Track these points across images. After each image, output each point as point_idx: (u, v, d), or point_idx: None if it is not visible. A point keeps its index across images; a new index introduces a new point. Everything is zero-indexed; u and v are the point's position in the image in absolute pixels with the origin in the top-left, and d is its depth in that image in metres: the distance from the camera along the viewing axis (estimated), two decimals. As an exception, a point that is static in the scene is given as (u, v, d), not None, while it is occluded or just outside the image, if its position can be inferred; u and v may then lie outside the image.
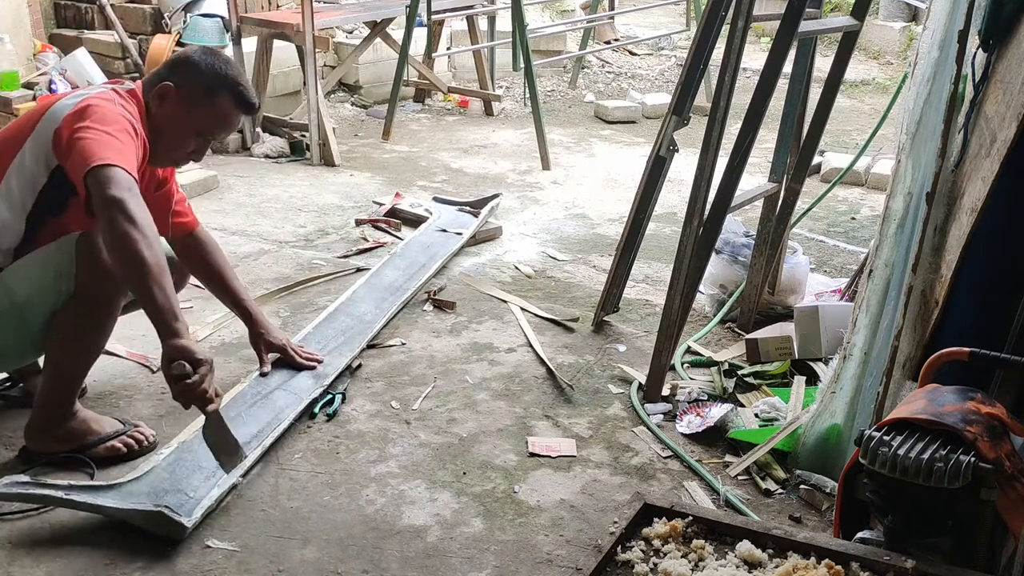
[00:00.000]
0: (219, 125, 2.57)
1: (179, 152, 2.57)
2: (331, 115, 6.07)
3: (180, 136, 2.53)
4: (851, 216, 4.89)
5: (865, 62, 8.62)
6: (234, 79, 2.54)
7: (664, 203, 4.05)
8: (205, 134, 2.56)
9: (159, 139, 2.50)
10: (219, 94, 2.51)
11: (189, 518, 2.25)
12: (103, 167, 2.18)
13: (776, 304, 3.57)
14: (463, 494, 2.51)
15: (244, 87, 2.56)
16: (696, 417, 2.87)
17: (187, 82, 2.49)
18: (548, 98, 7.18)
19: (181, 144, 2.55)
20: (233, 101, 2.54)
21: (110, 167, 2.18)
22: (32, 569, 2.15)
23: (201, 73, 2.50)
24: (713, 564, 1.93)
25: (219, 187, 4.85)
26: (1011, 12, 2.17)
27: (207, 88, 2.50)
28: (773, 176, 3.42)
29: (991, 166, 2.07)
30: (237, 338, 3.27)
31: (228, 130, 2.64)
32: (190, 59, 2.54)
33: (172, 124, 2.50)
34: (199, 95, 2.50)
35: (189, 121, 2.51)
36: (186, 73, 2.50)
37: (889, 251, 2.50)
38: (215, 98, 2.51)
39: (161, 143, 2.50)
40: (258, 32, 5.45)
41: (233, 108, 2.55)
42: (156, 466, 2.40)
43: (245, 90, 2.56)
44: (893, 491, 1.85)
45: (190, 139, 2.54)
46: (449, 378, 3.10)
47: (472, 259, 4.10)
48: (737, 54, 2.79)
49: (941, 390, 1.98)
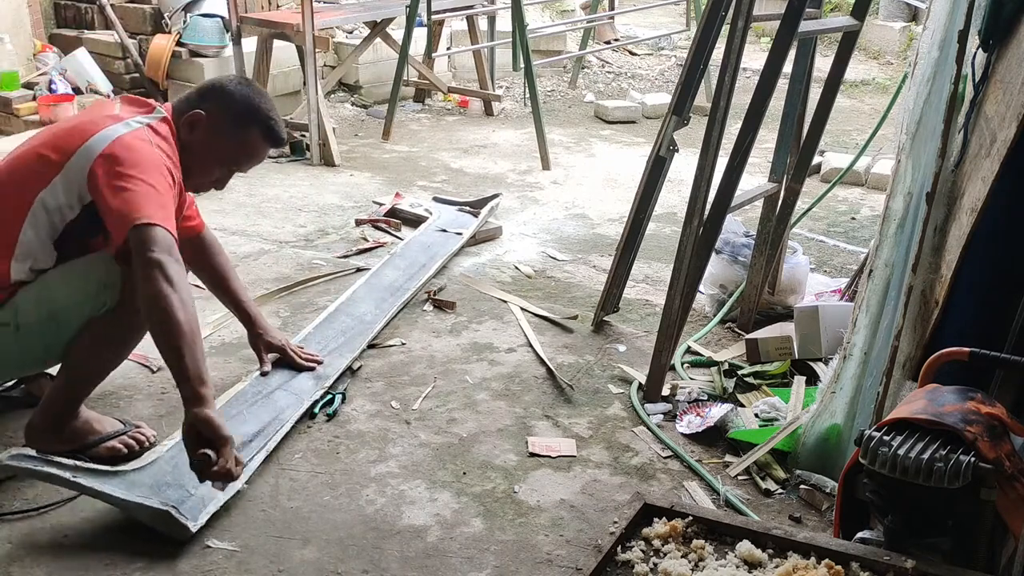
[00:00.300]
0: (246, 157, 2.56)
1: (203, 179, 2.58)
2: (331, 115, 6.07)
3: (206, 165, 2.53)
4: (851, 216, 4.89)
5: (865, 62, 8.62)
6: (266, 113, 2.52)
7: (664, 203, 4.05)
8: (231, 165, 2.56)
9: (184, 165, 2.48)
10: (250, 127, 2.50)
11: (195, 522, 2.25)
12: (146, 227, 2.18)
13: (776, 304, 3.57)
14: (463, 494, 2.51)
15: (275, 121, 2.54)
16: (696, 417, 2.87)
17: (219, 112, 2.48)
18: (548, 98, 7.18)
19: (206, 172, 2.55)
20: (263, 135, 2.53)
21: (153, 227, 2.19)
22: (32, 569, 2.15)
23: (234, 103, 2.49)
24: (713, 564, 1.93)
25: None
26: (1011, 12, 2.17)
27: (238, 120, 2.49)
28: (773, 176, 3.42)
29: (991, 166, 2.07)
30: (237, 338, 3.27)
31: (255, 163, 2.61)
32: (224, 88, 2.52)
33: (200, 153, 2.50)
34: (229, 126, 2.49)
35: (217, 151, 2.51)
36: (218, 102, 2.49)
37: (889, 251, 2.50)
38: (245, 131, 2.50)
39: (186, 169, 2.49)
40: (258, 32, 5.45)
41: (262, 142, 2.54)
42: (160, 457, 2.40)
43: (276, 125, 2.55)
44: (893, 491, 1.85)
45: (216, 169, 2.55)
46: (449, 378, 3.10)
47: (472, 259, 4.10)
48: (737, 54, 2.79)
49: (941, 390, 1.98)
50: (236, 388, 2.80)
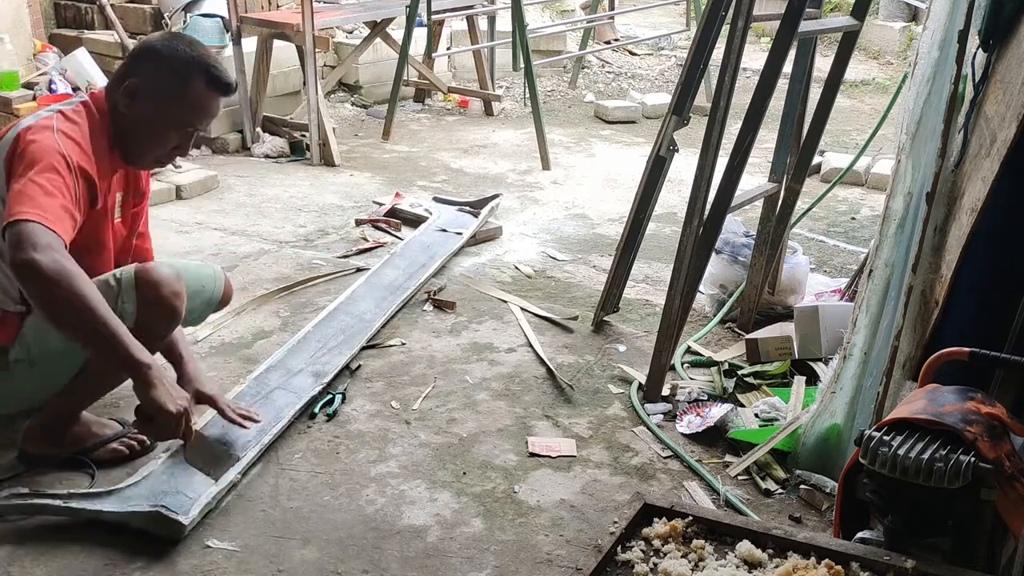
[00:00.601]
0: (197, 114, 2.37)
1: (161, 150, 2.40)
2: (331, 115, 6.07)
3: (158, 133, 2.36)
4: (851, 216, 4.89)
5: (865, 62, 8.62)
6: (203, 61, 2.34)
7: (664, 203, 4.05)
8: (185, 127, 2.37)
9: (136, 139, 2.36)
10: (189, 81, 2.32)
11: (187, 516, 2.25)
12: (13, 224, 2.01)
13: (776, 304, 3.57)
14: (463, 494, 2.51)
15: (215, 67, 2.36)
16: (696, 417, 2.87)
17: (153, 74, 2.32)
18: (548, 98, 7.18)
19: (161, 141, 2.38)
20: (206, 84, 2.34)
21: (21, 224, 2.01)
22: (32, 569, 2.15)
23: (166, 61, 2.32)
24: (713, 564, 1.93)
25: (219, 187, 4.85)
26: (1011, 12, 2.17)
27: (175, 76, 2.32)
28: (773, 176, 3.42)
29: (991, 166, 2.07)
30: (237, 338, 3.27)
31: (207, 117, 2.41)
32: (152, 47, 2.36)
33: (146, 122, 2.34)
34: (169, 86, 2.31)
35: (163, 115, 2.33)
36: (150, 64, 2.33)
37: (889, 251, 2.50)
38: (186, 85, 2.32)
39: (139, 143, 2.37)
40: (258, 32, 5.45)
41: (207, 92, 2.36)
42: (154, 471, 2.40)
43: (217, 70, 2.36)
44: (893, 491, 1.85)
45: (170, 134, 2.37)
46: (449, 378, 3.10)
47: (472, 259, 4.10)
48: (737, 54, 2.79)
49: (941, 390, 1.97)
50: (236, 390, 2.80)
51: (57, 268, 2.00)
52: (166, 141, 2.38)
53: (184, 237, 4.17)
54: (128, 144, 2.37)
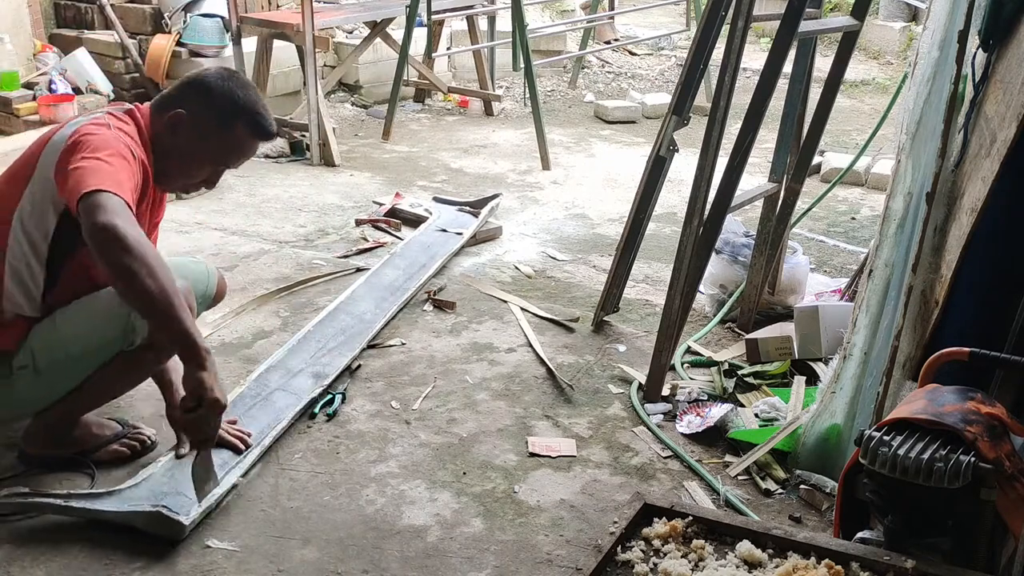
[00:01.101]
0: (234, 155, 2.44)
1: (190, 180, 2.46)
2: (331, 115, 6.07)
3: (192, 165, 2.41)
4: (851, 216, 4.89)
5: (865, 62, 8.62)
6: (251, 106, 2.38)
7: (664, 203, 4.05)
8: (219, 164, 2.44)
9: (169, 165, 2.39)
10: (235, 124, 2.37)
11: (187, 516, 2.25)
12: (91, 194, 2.05)
13: (776, 304, 3.57)
14: (463, 494, 2.51)
15: (261, 115, 2.40)
16: (696, 417, 2.87)
17: (200, 110, 2.36)
18: (548, 98, 7.18)
19: (193, 173, 2.44)
20: (250, 131, 2.39)
21: (99, 194, 2.05)
22: (32, 569, 2.15)
23: (216, 100, 2.36)
24: (713, 564, 1.93)
25: (219, 187, 4.84)
26: (1011, 12, 2.17)
27: (222, 117, 2.36)
28: (773, 176, 3.42)
29: (991, 166, 2.07)
30: (237, 338, 3.28)
31: (244, 159, 2.48)
32: (204, 83, 2.39)
33: (184, 153, 2.38)
34: (213, 125, 2.36)
35: (202, 151, 2.39)
36: (199, 100, 2.36)
37: (889, 251, 2.50)
38: (230, 128, 2.37)
39: (172, 169, 2.40)
40: (258, 32, 5.45)
41: (249, 138, 2.41)
42: (154, 473, 2.40)
43: (262, 118, 2.40)
44: (893, 491, 1.85)
45: (204, 168, 2.43)
46: (449, 378, 3.10)
47: (472, 259, 4.10)
48: (737, 54, 2.79)
49: (941, 390, 1.97)
50: (235, 392, 2.80)
51: (137, 236, 2.04)
52: (198, 174, 2.45)
53: (184, 237, 4.17)
54: (161, 166, 2.39)
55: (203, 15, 5.77)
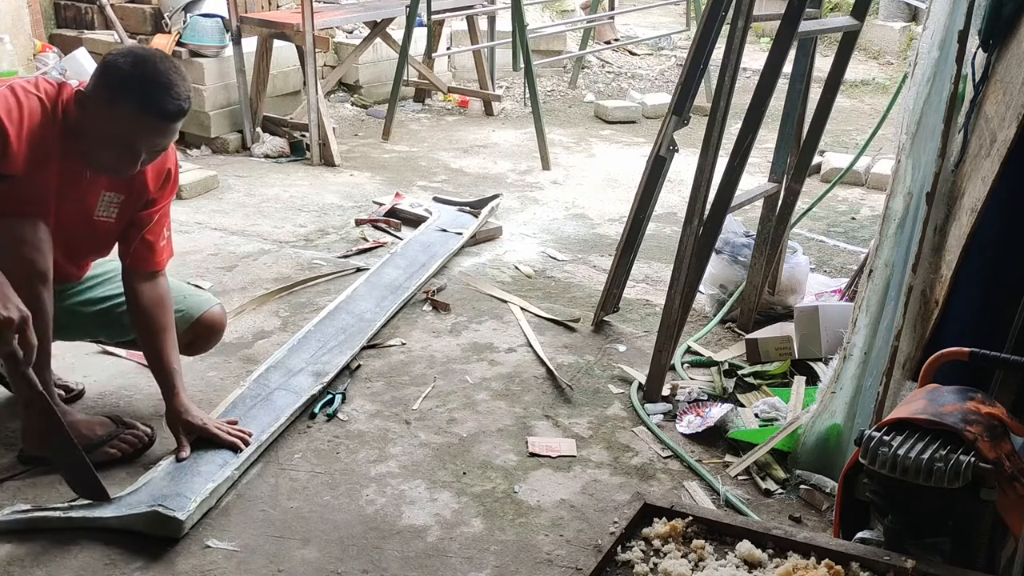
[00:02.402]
0: (129, 135, 2.24)
1: (103, 162, 2.31)
2: (331, 115, 6.06)
3: (96, 144, 2.27)
4: (851, 216, 4.89)
5: (865, 62, 8.62)
6: (141, 81, 2.20)
7: (664, 203, 4.05)
8: (119, 146, 2.26)
9: (82, 143, 2.28)
10: (122, 100, 2.21)
11: (184, 512, 2.25)
12: None
13: (776, 304, 3.57)
14: (463, 494, 2.51)
15: (153, 90, 2.20)
16: (696, 417, 2.87)
17: (95, 86, 2.24)
18: (548, 98, 7.18)
19: (100, 153, 2.29)
20: (137, 107, 2.20)
21: None
22: (32, 569, 2.15)
23: (106, 76, 2.23)
24: (713, 564, 1.93)
25: (219, 187, 4.85)
26: (1011, 12, 2.17)
27: (110, 92, 2.22)
28: (773, 176, 3.42)
29: (991, 166, 2.07)
30: (237, 338, 3.27)
31: (144, 140, 2.26)
32: (108, 61, 2.25)
33: (87, 132, 2.26)
34: (103, 101, 2.22)
35: (99, 130, 2.25)
36: (99, 77, 2.24)
37: (889, 251, 2.50)
38: (117, 103, 2.21)
39: (85, 147, 2.29)
40: (258, 32, 5.45)
41: (140, 115, 2.21)
42: (154, 477, 2.40)
43: (155, 94, 2.20)
44: (893, 491, 1.85)
45: (108, 149, 2.27)
46: (449, 378, 3.10)
47: (472, 259, 4.10)
48: (737, 54, 2.79)
49: (941, 390, 1.97)
50: (235, 393, 2.79)
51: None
52: (104, 154, 2.29)
53: (184, 237, 4.16)
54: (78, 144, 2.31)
55: (203, 15, 5.75)
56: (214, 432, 2.53)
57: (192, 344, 2.71)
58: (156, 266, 2.57)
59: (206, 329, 2.72)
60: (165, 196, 2.57)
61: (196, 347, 2.75)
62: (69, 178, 2.33)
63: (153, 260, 2.56)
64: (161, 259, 2.58)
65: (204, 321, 2.69)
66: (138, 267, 2.55)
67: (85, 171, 2.36)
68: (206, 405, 2.72)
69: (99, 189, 2.43)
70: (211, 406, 2.73)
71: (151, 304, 2.53)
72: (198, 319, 2.67)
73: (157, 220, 2.56)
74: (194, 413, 2.55)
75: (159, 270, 2.58)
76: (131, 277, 2.55)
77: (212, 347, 2.83)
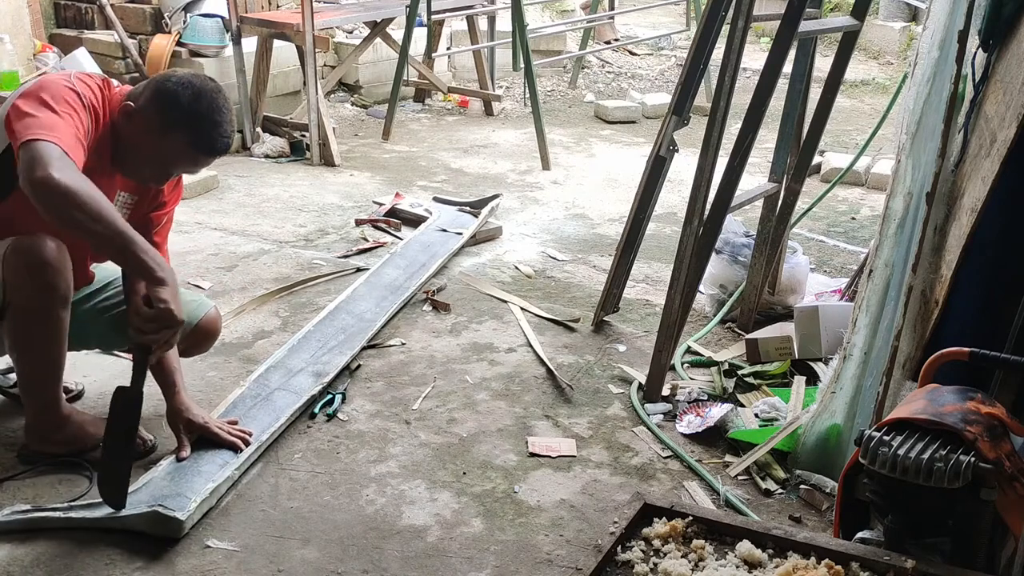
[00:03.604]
0: (171, 162, 2.36)
1: (137, 172, 2.40)
2: (331, 115, 6.07)
3: (135, 160, 2.36)
4: (851, 216, 4.89)
5: (865, 62, 8.62)
6: (196, 116, 2.29)
7: (664, 203, 4.05)
8: (158, 167, 2.37)
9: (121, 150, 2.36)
10: (174, 131, 2.29)
11: (184, 512, 2.25)
12: (29, 144, 2.04)
13: (776, 304, 3.57)
14: (463, 494, 2.51)
15: (206, 127, 2.30)
16: (696, 417, 2.87)
17: (148, 107, 2.31)
18: (548, 98, 7.18)
19: (136, 168, 2.38)
20: (187, 140, 2.31)
21: (35, 143, 2.04)
22: (32, 569, 2.15)
23: (162, 102, 2.30)
24: (713, 564, 1.93)
25: (219, 187, 4.85)
26: (1011, 12, 2.17)
27: (164, 121, 2.29)
28: (773, 176, 3.42)
29: (991, 166, 2.07)
30: (237, 338, 3.27)
31: (185, 169, 2.41)
32: (162, 83, 2.33)
33: (131, 146, 2.34)
34: (155, 126, 2.30)
35: (142, 149, 2.33)
36: (153, 98, 2.31)
37: (889, 251, 2.50)
38: (169, 134, 2.30)
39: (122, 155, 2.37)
40: (258, 32, 5.45)
41: (187, 149, 2.32)
42: (154, 477, 2.40)
43: (206, 131, 2.30)
44: (893, 491, 1.85)
45: (147, 167, 2.37)
46: (449, 378, 3.10)
47: (472, 259, 4.10)
48: (737, 54, 2.79)
49: (941, 390, 1.97)
50: (235, 393, 2.80)
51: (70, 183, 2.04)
52: (143, 169, 2.38)
53: (184, 237, 4.16)
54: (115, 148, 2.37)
55: (203, 15, 5.76)
56: (215, 431, 2.54)
57: (188, 349, 2.70)
58: None
59: (204, 334, 2.71)
60: (175, 199, 2.64)
61: (192, 351, 2.74)
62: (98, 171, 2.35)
63: None
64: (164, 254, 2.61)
65: (202, 327, 2.68)
66: None
67: (110, 169, 2.39)
68: (206, 405, 2.72)
69: (116, 187, 2.46)
70: (211, 406, 2.73)
71: None
72: (196, 326, 2.65)
73: (165, 223, 2.62)
74: (195, 412, 2.56)
75: None
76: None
77: (208, 349, 2.82)
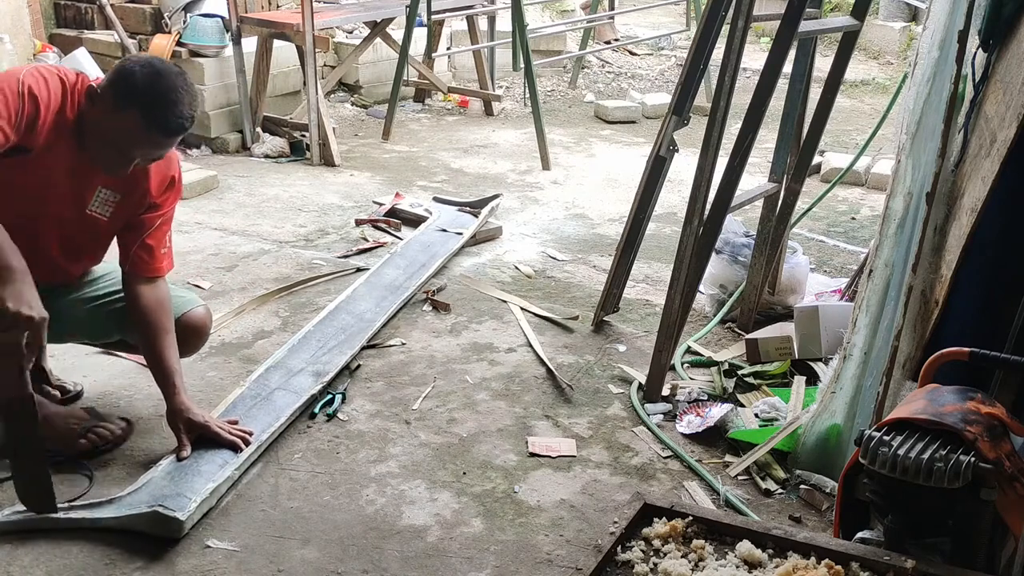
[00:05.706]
0: (127, 142, 2.28)
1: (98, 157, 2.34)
2: (331, 115, 6.06)
3: (94, 141, 2.31)
4: (851, 216, 4.89)
5: (865, 62, 8.62)
6: (152, 95, 2.23)
7: (664, 203, 4.05)
8: (117, 149, 2.30)
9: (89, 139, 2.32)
10: (128, 109, 2.24)
11: (184, 512, 2.25)
12: None
13: (776, 304, 3.57)
14: (463, 494, 2.51)
15: (161, 106, 2.24)
16: (696, 417, 2.87)
17: (106, 89, 2.27)
18: (548, 98, 7.18)
19: (98, 149, 2.32)
20: (142, 120, 2.24)
21: None
22: (32, 569, 2.15)
23: (119, 82, 2.26)
24: (713, 564, 1.93)
25: (219, 187, 4.85)
26: (1011, 12, 2.17)
27: (117, 100, 2.25)
28: (773, 176, 3.42)
29: (991, 166, 2.07)
30: (237, 338, 3.27)
31: (141, 150, 2.31)
32: (125, 67, 2.28)
33: (92, 128, 2.30)
34: (110, 106, 2.26)
35: (100, 130, 2.29)
36: (112, 79, 2.27)
37: (889, 251, 2.50)
38: (123, 112, 2.24)
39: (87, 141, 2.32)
40: (258, 32, 5.45)
41: (141, 128, 2.25)
42: (154, 477, 2.40)
43: (161, 110, 2.24)
44: (893, 491, 1.85)
45: (105, 148, 2.31)
46: (449, 378, 3.10)
47: (472, 259, 4.10)
48: (737, 54, 2.79)
49: (941, 390, 1.97)
50: (235, 393, 2.79)
51: None
52: (103, 155, 2.33)
53: (184, 237, 4.16)
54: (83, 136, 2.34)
55: (203, 15, 5.75)
56: (215, 431, 2.53)
57: None
58: (156, 272, 2.56)
59: (186, 330, 2.64)
60: (169, 202, 2.58)
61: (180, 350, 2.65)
62: (71, 163, 2.35)
63: (153, 266, 2.55)
64: (161, 265, 2.57)
65: (184, 322, 2.63)
66: (138, 271, 2.54)
67: (86, 160, 2.36)
68: (206, 405, 2.72)
69: (96, 183, 2.43)
70: (211, 406, 2.73)
71: (151, 306, 2.52)
72: (178, 319, 2.60)
73: (159, 225, 2.56)
74: (195, 411, 2.55)
75: (159, 276, 2.57)
76: (131, 281, 2.54)
77: (196, 350, 2.77)
